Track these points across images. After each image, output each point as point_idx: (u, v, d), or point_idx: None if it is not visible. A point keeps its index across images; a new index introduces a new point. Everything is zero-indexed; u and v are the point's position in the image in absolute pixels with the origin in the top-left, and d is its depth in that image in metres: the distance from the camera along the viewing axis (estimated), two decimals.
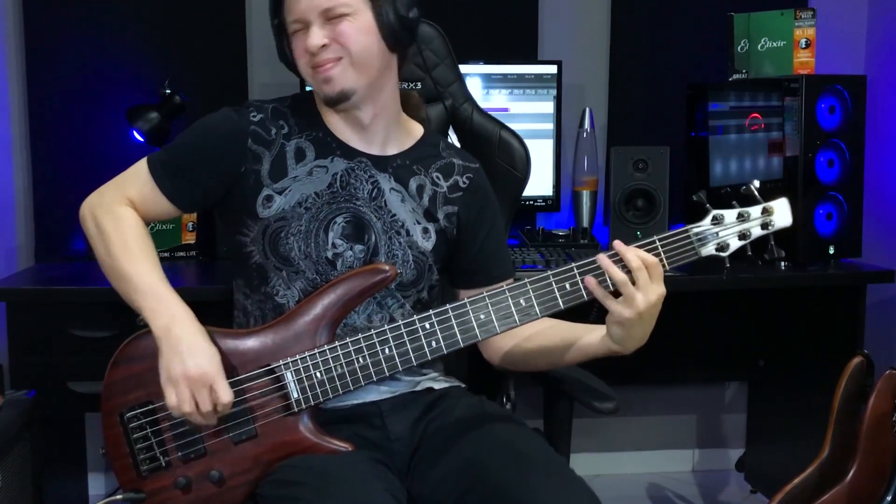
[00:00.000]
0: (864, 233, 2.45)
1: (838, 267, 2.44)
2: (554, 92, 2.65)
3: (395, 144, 1.66)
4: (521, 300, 1.47)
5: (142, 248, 1.53)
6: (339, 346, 1.49)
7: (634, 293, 1.40)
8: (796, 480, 2.06)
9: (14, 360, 2.14)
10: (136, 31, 2.64)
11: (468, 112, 1.99)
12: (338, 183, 1.59)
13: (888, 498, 2.00)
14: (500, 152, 1.94)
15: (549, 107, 2.66)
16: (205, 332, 1.47)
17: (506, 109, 2.64)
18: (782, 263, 2.41)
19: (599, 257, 1.43)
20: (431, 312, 1.48)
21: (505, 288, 1.48)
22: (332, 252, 1.57)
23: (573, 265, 1.46)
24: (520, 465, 1.45)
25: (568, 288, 1.46)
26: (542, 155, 2.63)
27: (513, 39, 2.79)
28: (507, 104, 2.65)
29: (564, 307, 1.47)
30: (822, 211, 2.39)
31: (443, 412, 1.62)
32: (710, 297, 2.76)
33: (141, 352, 1.51)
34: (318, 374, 1.49)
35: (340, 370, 1.48)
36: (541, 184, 2.65)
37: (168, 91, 2.50)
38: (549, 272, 1.47)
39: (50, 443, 2.10)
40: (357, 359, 1.49)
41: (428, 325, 1.48)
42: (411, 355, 1.49)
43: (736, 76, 2.59)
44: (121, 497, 1.52)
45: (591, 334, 1.52)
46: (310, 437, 1.49)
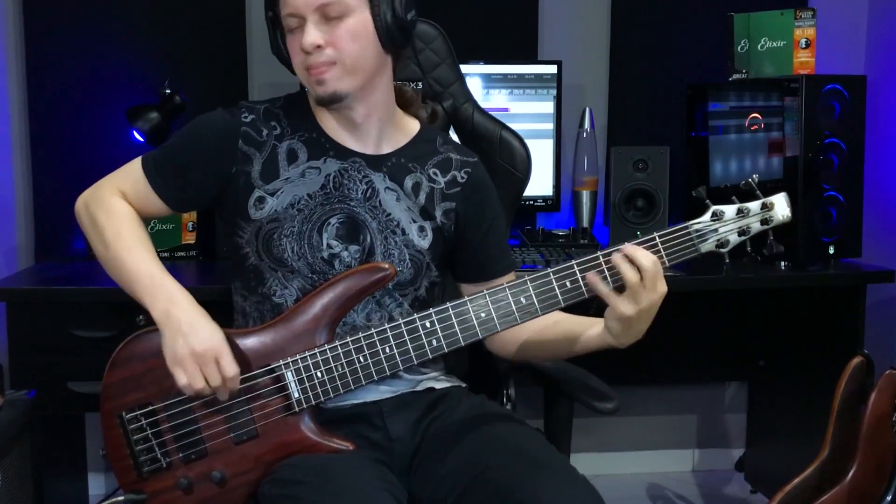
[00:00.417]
0: (864, 233, 2.45)
1: (838, 267, 2.44)
2: (554, 92, 2.65)
3: (390, 143, 1.65)
4: (522, 298, 1.47)
5: (136, 237, 1.54)
6: (340, 345, 1.49)
7: (641, 291, 1.40)
8: (796, 480, 2.06)
9: (14, 360, 2.15)
10: (136, 31, 2.64)
11: (469, 112, 1.99)
12: (331, 184, 1.59)
13: (888, 498, 2.00)
14: (501, 152, 1.94)
15: (549, 107, 2.66)
16: (205, 312, 1.48)
17: (506, 109, 2.64)
18: (782, 263, 2.41)
19: (614, 256, 1.42)
20: (432, 311, 1.48)
21: (505, 286, 1.48)
22: (328, 252, 1.57)
23: (573, 262, 1.46)
24: (521, 465, 1.45)
25: (568, 285, 1.46)
26: (543, 155, 2.63)
27: (513, 39, 2.79)
28: (508, 104, 2.65)
29: (564, 304, 1.47)
30: (822, 211, 2.39)
31: (444, 412, 1.62)
32: (711, 297, 2.76)
33: (139, 352, 1.51)
34: (319, 374, 1.48)
35: (341, 369, 1.48)
36: (541, 184, 2.65)
37: (168, 91, 2.50)
38: (549, 269, 1.47)
39: (50, 443, 2.10)
40: (357, 358, 1.48)
41: (428, 324, 1.48)
42: (412, 354, 1.48)
43: (736, 76, 2.60)
44: (122, 498, 1.51)
45: (592, 329, 1.52)
46: (311, 436, 1.49)
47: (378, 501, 1.38)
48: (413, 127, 1.70)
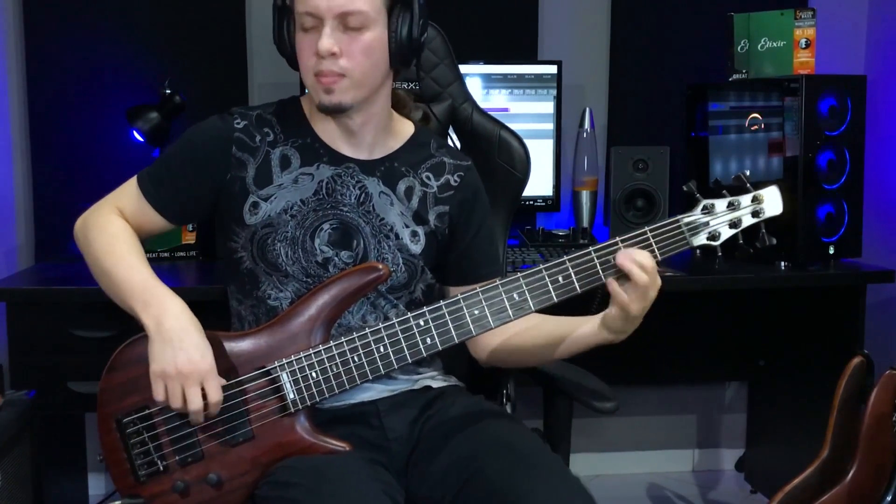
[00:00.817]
0: (864, 233, 2.45)
1: (838, 267, 2.44)
2: (554, 92, 2.65)
3: (383, 147, 1.65)
4: (515, 294, 1.47)
5: (128, 248, 1.54)
6: (334, 345, 1.49)
7: (649, 289, 1.42)
8: (796, 480, 2.06)
9: (14, 360, 2.15)
10: (136, 31, 2.64)
11: (468, 112, 1.99)
12: (323, 190, 1.59)
13: (888, 498, 2.00)
14: (500, 152, 1.94)
15: (549, 107, 2.66)
16: (199, 326, 1.46)
17: (506, 109, 2.64)
18: (782, 264, 2.41)
19: (619, 260, 1.43)
20: (426, 309, 1.48)
21: (498, 283, 1.48)
22: (322, 257, 1.57)
23: (565, 258, 1.47)
24: (514, 464, 1.45)
25: (561, 281, 1.46)
26: (542, 155, 2.63)
27: (513, 39, 2.79)
28: (507, 104, 2.65)
29: (558, 300, 1.48)
30: (822, 211, 2.39)
31: (439, 410, 1.62)
32: (711, 297, 2.76)
33: (136, 357, 1.50)
34: (314, 374, 1.48)
35: (336, 369, 1.48)
36: (541, 184, 2.65)
37: (168, 91, 2.50)
38: (541, 265, 1.47)
39: (50, 443, 2.10)
40: (352, 357, 1.48)
41: (422, 322, 1.48)
42: (406, 353, 1.48)
43: (736, 76, 2.59)
44: (119, 503, 1.51)
45: (583, 327, 1.52)
46: (307, 437, 1.49)
47: (373, 503, 1.38)
48: (407, 130, 1.70)
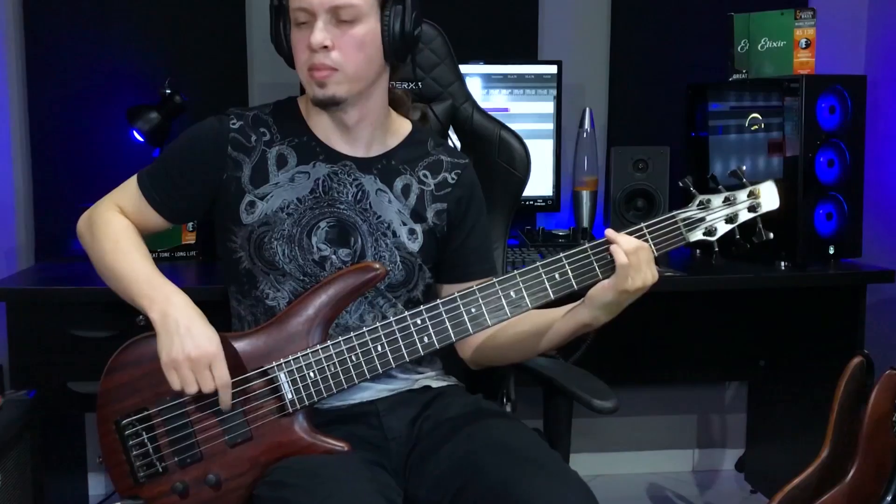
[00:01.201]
0: (864, 233, 2.45)
1: (838, 267, 2.44)
2: (554, 92, 2.65)
3: (380, 145, 1.65)
4: (512, 292, 1.47)
5: (132, 245, 1.56)
6: (332, 345, 1.49)
7: (640, 264, 1.42)
8: (796, 480, 2.06)
9: (14, 360, 2.15)
10: (136, 31, 2.64)
11: (468, 112, 1.99)
12: (320, 188, 1.60)
13: (888, 498, 2.00)
14: (500, 152, 1.94)
15: (549, 107, 2.66)
16: (202, 315, 1.48)
17: (506, 109, 2.64)
18: (782, 264, 2.41)
19: (609, 233, 1.45)
20: (423, 308, 1.49)
21: (495, 281, 1.48)
22: (318, 255, 1.58)
23: (562, 255, 1.47)
24: (513, 462, 1.45)
25: (557, 278, 1.47)
26: (542, 155, 2.63)
27: (513, 39, 2.79)
28: (507, 104, 2.65)
29: (554, 297, 1.48)
30: (822, 211, 2.39)
31: (438, 410, 1.62)
32: (711, 297, 2.76)
33: (135, 358, 1.51)
34: (312, 374, 1.49)
35: (333, 369, 1.49)
36: (541, 184, 2.65)
37: (168, 91, 2.50)
38: (537, 263, 1.47)
39: (50, 443, 2.10)
40: (350, 357, 1.49)
41: (419, 321, 1.48)
42: (403, 352, 1.49)
43: (736, 76, 2.59)
44: None
45: (565, 315, 1.52)
46: (305, 437, 1.49)
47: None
48: (405, 128, 1.70)
